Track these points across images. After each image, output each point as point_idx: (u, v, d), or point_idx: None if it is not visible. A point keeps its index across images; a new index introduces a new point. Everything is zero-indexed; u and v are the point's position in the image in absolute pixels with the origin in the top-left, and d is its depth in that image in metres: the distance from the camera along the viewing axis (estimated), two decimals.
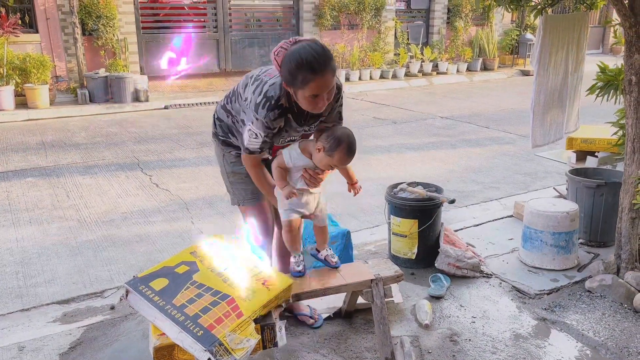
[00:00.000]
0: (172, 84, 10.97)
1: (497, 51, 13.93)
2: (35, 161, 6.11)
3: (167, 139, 7.21)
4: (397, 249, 3.40)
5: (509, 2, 2.97)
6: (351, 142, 2.24)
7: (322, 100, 2.05)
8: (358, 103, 9.88)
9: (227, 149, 2.55)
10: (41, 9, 9.36)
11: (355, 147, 2.26)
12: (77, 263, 3.66)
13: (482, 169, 5.72)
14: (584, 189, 3.54)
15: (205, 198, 4.91)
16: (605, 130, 4.05)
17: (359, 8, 11.98)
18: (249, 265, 2.31)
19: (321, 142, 2.24)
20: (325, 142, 2.23)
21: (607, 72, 3.23)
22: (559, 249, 3.26)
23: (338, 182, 2.78)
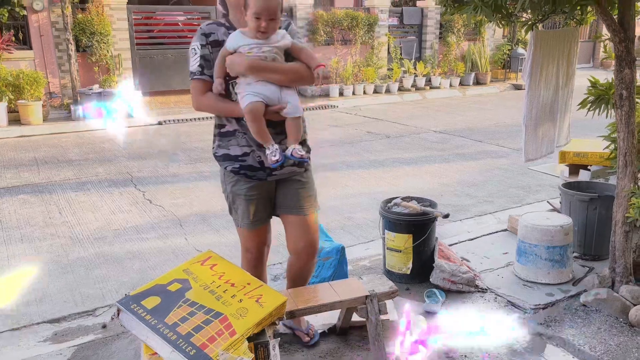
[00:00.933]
0: (166, 100, 10.98)
1: (490, 65, 14.05)
2: (27, 178, 6.08)
3: (161, 154, 7.19)
4: (392, 264, 3.39)
5: (499, 18, 3.00)
6: None
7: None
8: (352, 118, 9.92)
9: (224, 164, 2.53)
10: (35, 25, 9.39)
11: None
12: (68, 281, 3.62)
13: (476, 183, 5.73)
14: (577, 202, 3.55)
15: (199, 214, 4.89)
16: (597, 144, 4.07)
17: (352, 24, 12.08)
18: (242, 282, 2.29)
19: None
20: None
21: (598, 87, 3.26)
22: (553, 263, 3.25)
23: (331, 197, 2.77)
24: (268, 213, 2.60)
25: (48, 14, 9.40)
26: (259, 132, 2.29)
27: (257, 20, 2.21)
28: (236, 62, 2.26)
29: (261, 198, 2.52)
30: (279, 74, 2.28)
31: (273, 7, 2.21)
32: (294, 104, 2.33)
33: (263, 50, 2.26)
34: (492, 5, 2.76)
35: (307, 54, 2.34)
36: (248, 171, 2.45)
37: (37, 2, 9.21)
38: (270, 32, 2.25)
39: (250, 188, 2.48)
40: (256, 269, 2.65)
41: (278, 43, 2.29)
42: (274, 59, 2.28)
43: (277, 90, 2.30)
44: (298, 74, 2.33)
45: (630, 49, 2.80)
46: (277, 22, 2.25)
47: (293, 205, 2.54)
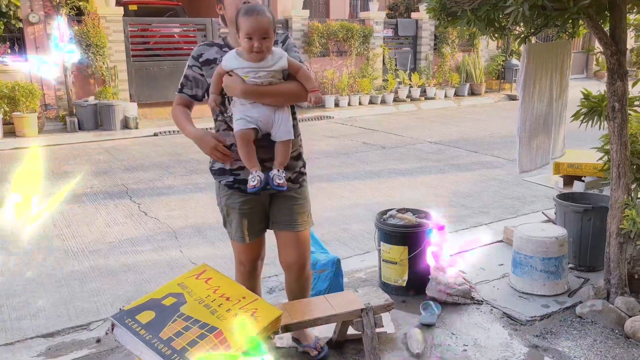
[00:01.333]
0: (162, 111, 10.99)
1: (484, 76, 14.14)
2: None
3: (156, 166, 7.18)
4: (388, 276, 3.38)
5: (492, 32, 3.02)
6: (249, 7, 2.21)
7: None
8: (347, 128, 9.95)
9: (218, 178, 2.54)
10: (31, 37, 9.40)
11: (255, 8, 2.20)
12: (62, 295, 3.59)
13: (471, 194, 5.74)
14: (572, 213, 3.56)
15: (194, 226, 4.88)
16: (591, 155, 4.09)
17: (348, 35, 12.16)
18: (237, 296, 2.28)
19: None
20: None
21: (591, 99, 3.28)
22: (549, 275, 3.26)
23: (327, 208, 2.77)
24: (262, 227, 2.59)
25: (44, 26, 9.42)
26: (246, 157, 2.32)
27: (249, 40, 2.18)
28: (231, 85, 2.27)
29: (255, 212, 2.52)
30: (273, 97, 2.29)
31: (264, 26, 2.17)
32: (286, 128, 2.32)
33: (259, 75, 2.24)
34: (485, 18, 2.78)
35: (303, 75, 2.31)
36: (242, 185, 2.45)
37: (33, 15, 9.23)
38: (265, 51, 2.21)
39: (244, 202, 2.49)
40: (249, 282, 2.65)
41: (274, 67, 2.25)
42: (270, 82, 2.27)
43: (270, 113, 2.30)
44: (293, 95, 2.33)
45: (622, 61, 2.83)
46: (270, 41, 2.22)
47: (286, 222, 2.53)
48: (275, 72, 2.27)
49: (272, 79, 2.27)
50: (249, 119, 2.28)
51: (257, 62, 2.23)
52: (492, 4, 2.62)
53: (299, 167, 2.52)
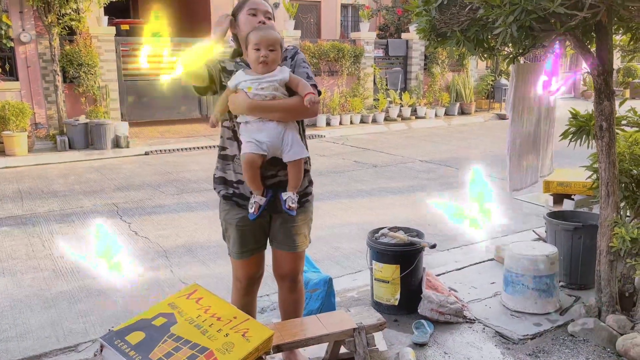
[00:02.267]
0: (153, 130, 10.99)
1: (474, 96, 14.30)
2: (10, 210, 6.00)
3: (147, 185, 7.15)
4: (380, 295, 3.37)
5: (481, 52, 3.07)
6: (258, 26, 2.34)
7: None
8: (339, 147, 9.98)
9: (218, 188, 2.54)
10: (22, 57, 9.41)
11: (265, 26, 2.33)
12: (50, 315, 3.54)
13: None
14: (562, 231, 3.58)
15: (185, 245, 4.84)
16: (580, 174, 4.14)
17: (339, 55, 12.28)
18: (228, 316, 2.26)
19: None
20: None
21: (579, 118, 3.33)
22: (540, 293, 3.26)
23: (318, 227, 2.77)
24: (260, 244, 2.56)
25: (35, 46, 9.44)
26: (251, 180, 2.34)
27: (257, 51, 2.27)
28: (236, 102, 2.30)
29: (252, 229, 2.49)
30: (279, 112, 2.31)
31: (272, 38, 2.28)
32: (296, 148, 2.34)
33: (262, 86, 2.27)
34: (474, 39, 2.82)
35: (302, 86, 2.33)
36: (239, 199, 2.45)
37: (24, 34, 9.25)
38: (271, 62, 2.28)
39: (241, 218, 2.46)
40: (245, 299, 2.63)
41: (275, 77, 2.30)
42: (274, 97, 2.29)
43: (279, 135, 2.31)
44: (297, 109, 2.34)
45: (608, 81, 2.88)
46: (277, 54, 2.30)
47: (285, 242, 2.52)
48: (277, 82, 2.30)
49: (275, 93, 2.29)
50: (257, 144, 2.29)
51: (261, 75, 2.29)
52: (481, 25, 2.66)
53: (303, 187, 2.48)
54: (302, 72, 2.39)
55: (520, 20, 2.30)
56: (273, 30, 2.34)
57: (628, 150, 3.22)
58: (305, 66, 2.44)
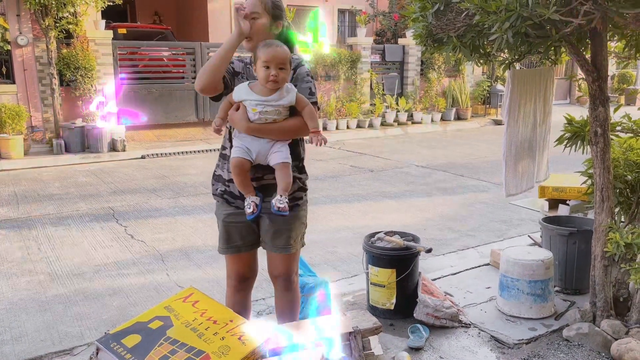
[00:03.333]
0: (150, 134, 10.99)
1: (470, 101, 14.35)
2: (6, 213, 5.98)
3: (143, 189, 7.15)
4: (376, 299, 3.38)
5: (477, 58, 3.09)
6: (268, 41, 2.32)
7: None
8: (336, 152, 10.00)
9: (215, 185, 2.59)
10: (19, 60, 9.39)
11: (274, 41, 2.31)
12: (46, 319, 3.53)
13: (458, 217, 5.78)
14: (557, 236, 3.60)
15: (181, 249, 4.84)
16: (575, 179, 4.16)
17: (336, 60, 12.31)
18: (224, 319, 2.27)
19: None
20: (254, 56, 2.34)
21: (574, 124, 3.35)
22: (535, 297, 3.27)
23: (315, 231, 2.78)
24: (247, 243, 2.57)
25: (32, 49, 9.42)
26: (242, 184, 2.38)
27: (266, 69, 2.24)
28: (236, 120, 2.33)
29: (239, 226, 2.52)
30: (275, 134, 2.34)
31: (282, 56, 2.25)
32: (280, 155, 2.35)
33: (267, 109, 2.27)
34: (470, 45, 2.84)
35: (308, 113, 2.33)
36: (229, 197, 2.52)
37: (21, 37, 9.24)
38: (280, 82, 2.26)
39: (229, 215, 2.53)
40: (235, 296, 2.65)
41: (281, 101, 2.29)
42: (275, 120, 2.31)
43: (269, 147, 2.34)
44: (295, 132, 2.38)
45: (603, 88, 2.90)
46: (286, 73, 2.27)
47: (273, 244, 2.54)
48: (283, 107, 2.30)
49: (277, 117, 2.31)
50: (246, 150, 2.33)
51: (267, 96, 2.27)
52: (477, 31, 2.69)
53: (292, 191, 2.49)
54: (305, 88, 2.40)
55: (515, 26, 2.33)
56: (282, 45, 2.29)
57: (623, 156, 3.25)
58: (309, 80, 2.44)
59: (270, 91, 2.28)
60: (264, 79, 2.26)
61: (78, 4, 9.25)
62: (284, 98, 2.29)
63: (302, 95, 2.34)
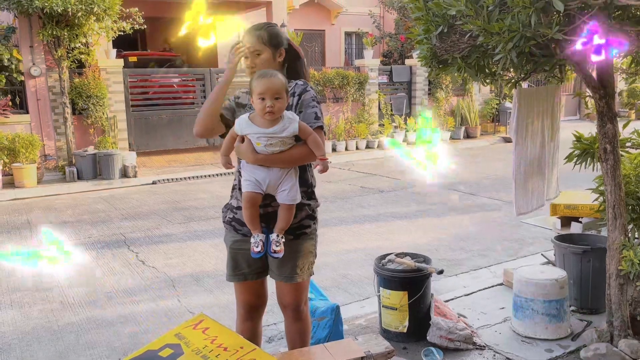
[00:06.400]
0: (161, 159, 11.09)
1: (479, 119, 14.34)
2: (20, 241, 6.03)
3: (154, 214, 7.19)
4: (388, 322, 3.34)
5: (483, 77, 3.10)
6: (261, 72, 2.30)
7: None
8: (345, 173, 10.01)
9: (225, 213, 2.60)
10: (32, 90, 9.57)
11: (268, 72, 2.29)
12: (58, 348, 3.53)
13: (469, 237, 5.73)
14: (571, 255, 3.55)
15: (192, 274, 4.84)
16: (586, 196, 4.12)
17: (343, 82, 12.40)
18: (235, 346, 2.25)
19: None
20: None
21: (583, 141, 3.33)
22: (550, 318, 3.22)
23: (325, 254, 2.77)
24: (254, 271, 2.55)
25: (45, 79, 9.61)
26: (250, 219, 2.36)
27: (262, 101, 2.22)
28: (242, 152, 2.33)
29: (246, 254, 2.48)
30: (283, 164, 2.34)
31: (276, 86, 2.23)
32: (291, 194, 2.35)
33: (271, 142, 2.27)
34: (475, 65, 2.86)
35: (313, 141, 2.32)
36: (237, 224, 2.52)
37: (34, 68, 9.44)
38: (277, 112, 2.24)
39: (235, 241, 2.53)
40: (244, 324, 2.63)
41: (284, 132, 2.27)
42: (281, 150, 2.30)
43: (279, 177, 2.34)
44: (301, 159, 2.39)
45: (610, 104, 2.89)
46: (282, 102, 2.25)
47: (279, 273, 2.51)
48: (287, 137, 2.29)
49: (282, 147, 2.30)
50: (256, 182, 2.32)
51: (269, 127, 2.26)
52: (482, 52, 2.70)
53: (299, 218, 2.47)
54: (310, 113, 2.39)
55: (519, 46, 2.33)
56: (275, 75, 2.26)
57: (634, 172, 3.22)
58: (314, 105, 2.42)
59: (270, 122, 2.26)
60: (261, 111, 2.24)
61: (90, 35, 9.44)
62: (286, 129, 2.27)
63: (304, 124, 2.32)
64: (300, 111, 2.39)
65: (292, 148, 2.33)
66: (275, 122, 2.27)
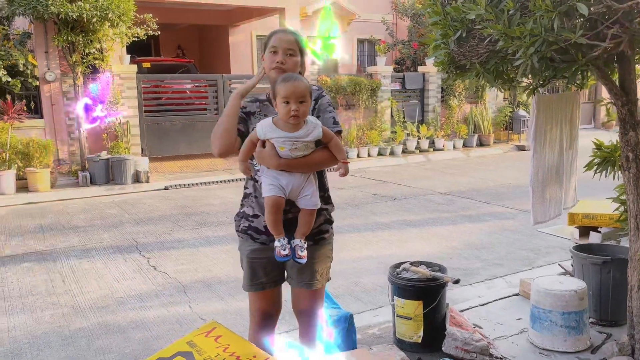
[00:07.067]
0: (173, 165, 11.12)
1: (492, 127, 14.23)
2: (32, 245, 6.05)
3: (166, 219, 7.18)
4: (403, 332, 3.28)
5: (501, 83, 3.04)
6: (286, 75, 2.27)
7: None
8: (357, 180, 9.95)
9: (239, 222, 2.54)
10: (47, 95, 9.64)
11: (292, 75, 2.25)
12: (68, 353, 3.51)
13: (484, 245, 5.65)
14: (590, 265, 3.47)
15: (203, 280, 4.81)
16: (605, 206, 4.03)
17: (356, 89, 12.37)
18: (247, 355, 2.20)
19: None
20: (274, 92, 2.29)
21: (603, 149, 3.26)
22: (570, 330, 3.14)
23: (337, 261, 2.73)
24: (272, 279, 2.53)
25: (60, 84, 9.68)
26: (274, 224, 2.31)
27: (286, 104, 2.19)
28: (264, 158, 2.28)
29: (263, 263, 2.48)
30: (305, 168, 2.31)
31: (301, 89, 2.20)
32: (313, 200, 2.33)
33: (296, 147, 2.24)
34: (493, 71, 2.80)
35: (335, 145, 2.31)
36: (254, 233, 2.48)
37: (49, 74, 9.51)
38: (301, 116, 2.22)
39: (253, 250, 2.48)
40: (258, 334, 2.59)
41: (309, 137, 2.25)
42: (304, 155, 2.28)
43: (301, 182, 2.31)
44: (323, 164, 2.36)
45: (633, 111, 2.82)
46: (307, 105, 2.23)
47: (299, 280, 2.49)
48: (311, 142, 2.27)
49: (305, 152, 2.28)
50: (280, 187, 2.28)
51: (294, 132, 2.23)
52: (500, 57, 2.65)
53: (317, 223, 2.45)
54: (328, 118, 2.39)
55: (541, 51, 2.28)
56: (300, 79, 2.24)
57: None
58: (331, 110, 2.43)
59: (294, 126, 2.23)
60: (285, 115, 2.21)
61: (104, 40, 9.51)
62: (311, 133, 2.25)
63: (327, 129, 2.31)
64: (317, 116, 2.37)
65: (313, 152, 2.30)
66: (299, 126, 2.24)
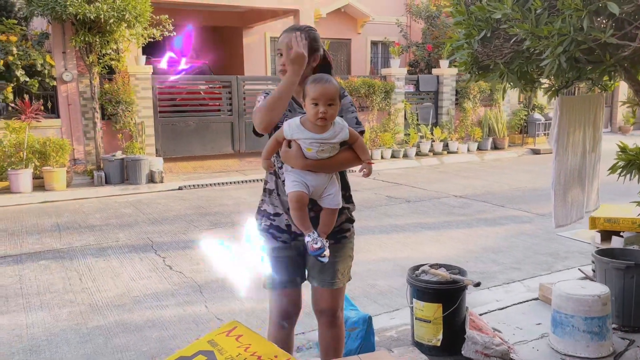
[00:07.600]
0: (187, 165, 11.15)
1: (507, 130, 14.13)
2: (49, 243, 6.09)
3: (181, 219, 7.20)
4: (421, 335, 3.24)
5: (523, 85, 3.01)
6: (316, 76, 2.26)
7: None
8: (371, 182, 9.92)
9: (260, 220, 2.53)
10: (64, 95, 9.73)
11: (323, 76, 2.24)
12: (86, 351, 3.52)
13: (501, 249, 5.59)
14: (613, 270, 3.42)
15: (219, 280, 4.80)
16: (628, 210, 3.98)
17: (369, 91, 12.34)
18: (269, 355, 2.19)
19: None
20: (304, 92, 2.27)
21: (628, 152, 3.21)
22: (592, 335, 3.09)
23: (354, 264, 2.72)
24: (293, 278, 2.53)
25: (76, 85, 9.76)
26: (301, 219, 2.31)
27: (315, 106, 2.19)
28: (290, 158, 2.27)
29: (284, 261, 2.48)
30: (330, 169, 2.32)
31: (331, 92, 2.19)
32: (336, 199, 2.34)
33: (323, 149, 2.24)
34: (517, 72, 2.77)
35: (359, 145, 2.32)
36: (276, 231, 2.47)
37: (66, 74, 9.59)
38: (329, 118, 2.21)
39: (274, 249, 2.48)
40: (278, 333, 2.58)
41: (336, 139, 2.25)
42: (329, 156, 2.28)
43: (325, 182, 2.31)
44: (348, 164, 2.38)
45: None
46: (335, 108, 2.22)
47: (320, 278, 2.49)
48: (337, 144, 2.27)
49: (331, 153, 2.28)
50: (304, 184, 2.28)
51: (321, 133, 2.22)
52: (525, 57, 2.62)
53: (339, 222, 2.46)
54: (351, 118, 2.39)
55: (569, 51, 2.25)
56: (330, 81, 2.23)
57: None
58: (353, 110, 2.43)
59: (321, 128, 2.22)
60: (313, 117, 2.20)
61: (121, 41, 9.58)
62: (338, 135, 2.25)
63: (353, 130, 2.31)
64: (340, 116, 2.35)
65: (338, 153, 2.30)
66: (326, 127, 2.23)
